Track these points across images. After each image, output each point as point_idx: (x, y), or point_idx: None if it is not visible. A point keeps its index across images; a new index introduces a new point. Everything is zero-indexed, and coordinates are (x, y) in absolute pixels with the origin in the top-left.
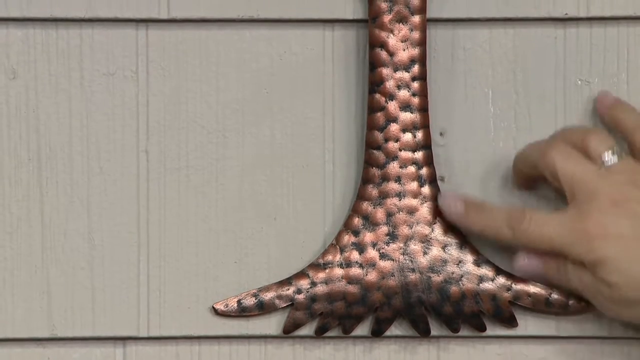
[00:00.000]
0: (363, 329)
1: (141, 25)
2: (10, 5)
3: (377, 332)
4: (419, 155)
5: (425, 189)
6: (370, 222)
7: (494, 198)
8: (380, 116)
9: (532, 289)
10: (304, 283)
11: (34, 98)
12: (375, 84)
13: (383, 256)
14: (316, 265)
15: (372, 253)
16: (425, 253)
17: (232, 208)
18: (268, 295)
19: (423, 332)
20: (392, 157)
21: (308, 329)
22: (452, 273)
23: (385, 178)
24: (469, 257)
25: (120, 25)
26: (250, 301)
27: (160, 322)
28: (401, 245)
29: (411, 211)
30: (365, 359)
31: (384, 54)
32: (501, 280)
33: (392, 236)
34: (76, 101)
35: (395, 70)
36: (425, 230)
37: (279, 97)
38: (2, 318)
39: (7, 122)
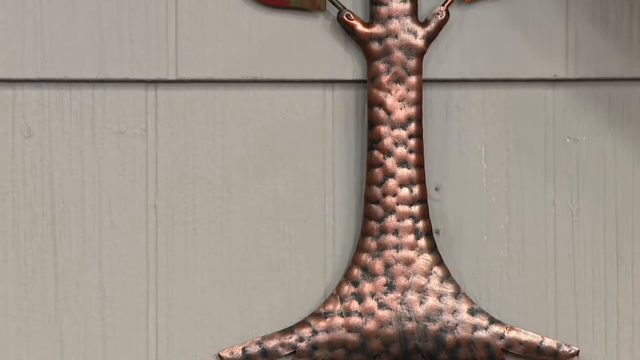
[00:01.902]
0: None
1: (150, 86)
2: (26, 67)
3: None
4: (415, 209)
5: (422, 242)
6: (369, 273)
7: (486, 251)
8: (378, 172)
9: (524, 337)
10: (306, 331)
11: (49, 155)
12: (373, 142)
13: (381, 306)
14: (317, 315)
15: (371, 303)
16: (421, 303)
17: (236, 260)
18: (271, 343)
19: None
20: (390, 211)
21: None
22: (448, 322)
23: (384, 231)
24: (463, 307)
25: (130, 85)
26: (254, 349)
27: None
28: (399, 295)
29: (408, 262)
30: None
31: (382, 113)
32: (494, 328)
33: (390, 286)
34: (88, 158)
35: (393, 128)
36: (422, 280)
37: (282, 154)
38: None
39: (23, 178)
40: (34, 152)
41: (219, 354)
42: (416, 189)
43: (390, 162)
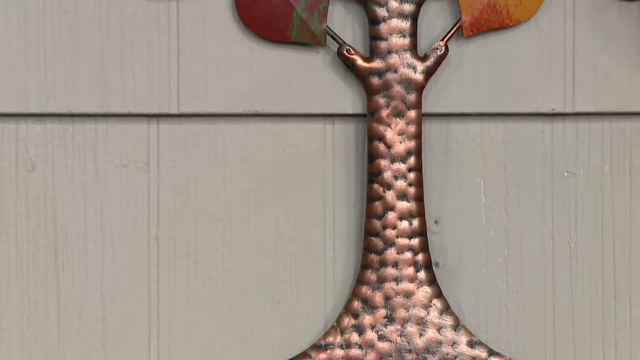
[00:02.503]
0: None
1: (152, 120)
2: (30, 101)
3: None
4: (415, 242)
5: (421, 274)
6: (369, 305)
7: (485, 284)
8: (378, 205)
9: None
10: None
11: (52, 189)
12: (373, 175)
13: (381, 338)
14: (318, 347)
15: (371, 335)
16: (421, 335)
17: (238, 292)
18: None
19: None
20: (389, 243)
21: None
22: (447, 354)
23: (383, 263)
24: (463, 339)
25: (132, 119)
26: None
27: None
28: (398, 327)
29: (408, 295)
30: None
31: (381, 147)
32: None
33: (390, 319)
34: (91, 191)
35: (393, 161)
36: (422, 313)
37: (283, 187)
38: None
39: (26, 211)
40: (37, 185)
41: None
42: (416, 222)
43: (390, 195)
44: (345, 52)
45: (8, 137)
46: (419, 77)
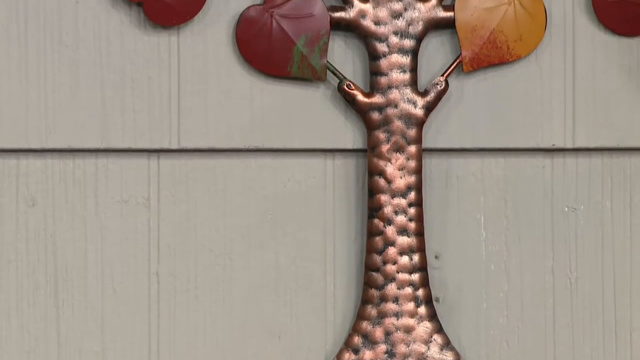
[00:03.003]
0: None
1: (153, 155)
2: (31, 137)
3: None
4: (415, 277)
5: (422, 309)
6: (370, 341)
7: (486, 319)
8: (379, 240)
9: None
10: None
11: (52, 224)
12: (374, 210)
13: None
14: None
15: None
16: None
17: (238, 327)
18: None
19: None
20: (390, 278)
21: None
22: None
23: (384, 299)
24: None
25: (133, 155)
26: None
27: None
28: None
29: (408, 330)
30: None
31: (382, 182)
32: None
33: (391, 354)
34: (91, 227)
35: (393, 196)
36: (422, 348)
37: (283, 222)
38: None
39: (26, 246)
40: (37, 221)
41: None
42: (416, 257)
43: (390, 231)
44: (345, 87)
45: (9, 172)
46: (419, 112)
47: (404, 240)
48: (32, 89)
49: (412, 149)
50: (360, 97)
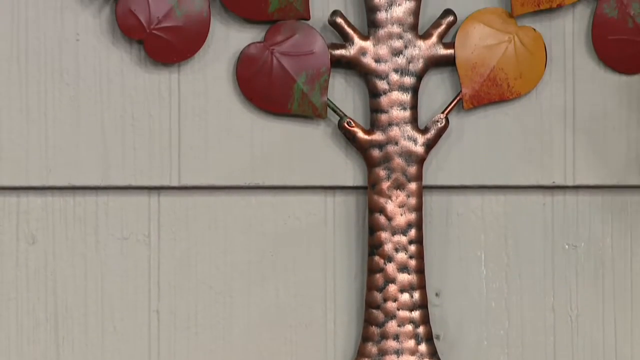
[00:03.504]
0: None
1: (153, 192)
2: (31, 174)
3: None
4: (416, 314)
5: (422, 347)
6: None
7: (486, 356)
8: (379, 277)
9: None
10: None
11: (52, 262)
12: (374, 247)
13: None
14: None
15: None
16: None
17: None
18: None
19: None
20: (390, 316)
21: None
22: None
23: (384, 336)
24: None
25: (133, 192)
26: None
27: None
28: None
29: None
30: None
31: (382, 219)
32: None
33: None
34: (91, 264)
35: (394, 234)
36: None
37: (284, 260)
38: None
39: (26, 284)
40: (37, 258)
41: None
42: (417, 295)
43: (390, 268)
44: (346, 124)
45: (9, 210)
46: (419, 149)
47: (404, 278)
48: (33, 127)
49: (413, 186)
50: (360, 134)
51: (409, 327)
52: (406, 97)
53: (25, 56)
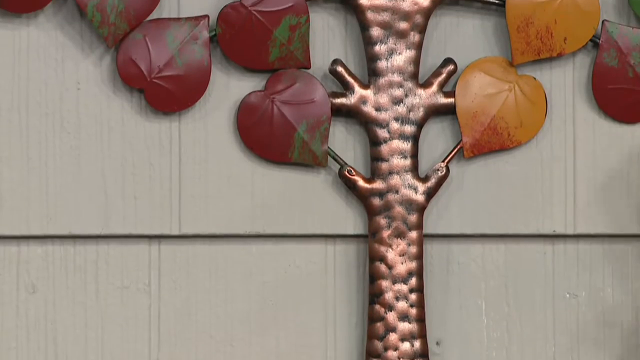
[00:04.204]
0: None
1: (154, 241)
2: (32, 223)
3: None
4: None
5: None
6: None
7: None
8: (380, 326)
9: None
10: None
11: (52, 311)
12: (375, 296)
13: None
14: None
15: None
16: None
17: None
18: None
19: None
20: None
21: None
22: None
23: None
24: None
25: (134, 241)
26: None
27: None
28: None
29: None
30: None
31: (383, 267)
32: None
33: None
34: (92, 313)
35: (394, 282)
36: None
37: (284, 308)
38: None
39: (26, 334)
40: (37, 308)
41: None
42: (417, 343)
43: (391, 317)
44: (346, 173)
45: (9, 259)
46: (420, 198)
47: (405, 327)
48: (34, 176)
49: (413, 234)
50: (361, 182)
51: None
52: (407, 145)
53: (27, 106)
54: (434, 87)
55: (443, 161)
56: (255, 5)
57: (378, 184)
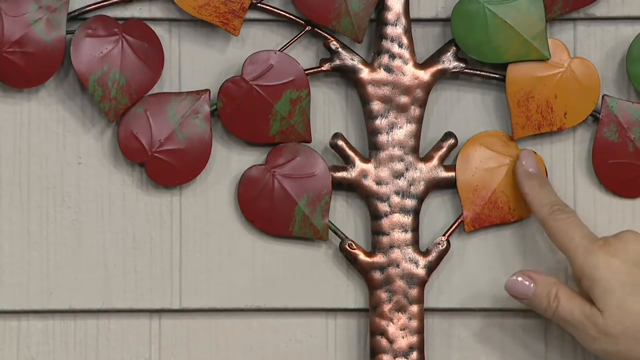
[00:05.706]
0: None
1: (154, 315)
2: (32, 298)
3: None
4: None
5: None
6: None
7: None
8: None
9: None
10: None
11: None
12: None
13: None
14: None
15: None
16: None
17: None
18: None
19: None
20: None
21: None
22: None
23: None
24: None
25: (134, 315)
26: None
27: None
28: None
29: None
30: None
31: (384, 342)
32: None
33: None
34: None
35: (395, 357)
36: None
37: None
38: None
39: None
40: None
41: None
42: None
43: None
44: (347, 246)
45: (10, 334)
46: (421, 272)
47: None
48: (34, 250)
49: (414, 308)
50: (362, 256)
51: None
52: (407, 219)
53: (28, 180)
54: (435, 161)
55: (444, 235)
56: (256, 79)
57: (379, 258)
